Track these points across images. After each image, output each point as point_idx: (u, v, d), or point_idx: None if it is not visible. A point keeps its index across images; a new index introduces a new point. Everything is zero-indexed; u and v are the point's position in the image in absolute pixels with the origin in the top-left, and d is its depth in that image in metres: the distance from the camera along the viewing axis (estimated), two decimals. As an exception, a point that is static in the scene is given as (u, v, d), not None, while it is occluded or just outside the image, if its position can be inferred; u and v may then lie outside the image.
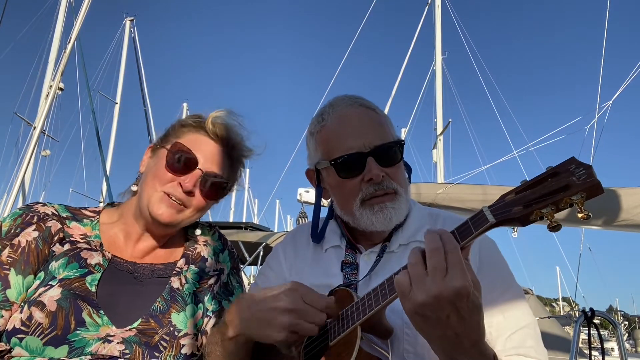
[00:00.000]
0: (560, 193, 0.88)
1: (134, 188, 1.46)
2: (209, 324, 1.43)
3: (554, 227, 0.89)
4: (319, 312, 1.10)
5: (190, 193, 1.39)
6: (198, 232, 1.57)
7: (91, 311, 1.25)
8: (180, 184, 1.38)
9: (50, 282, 1.26)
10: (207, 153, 1.43)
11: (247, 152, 1.55)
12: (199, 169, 1.40)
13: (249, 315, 1.16)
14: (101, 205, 1.54)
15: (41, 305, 1.21)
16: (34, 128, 6.99)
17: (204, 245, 1.56)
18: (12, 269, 1.25)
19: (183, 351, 1.32)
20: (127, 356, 1.23)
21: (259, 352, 1.26)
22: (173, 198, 1.38)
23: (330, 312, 1.12)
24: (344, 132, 1.34)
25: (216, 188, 1.45)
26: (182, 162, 1.40)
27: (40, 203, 1.41)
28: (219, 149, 1.46)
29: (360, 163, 1.31)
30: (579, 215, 0.85)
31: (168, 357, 1.29)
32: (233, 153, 1.50)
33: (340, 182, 1.35)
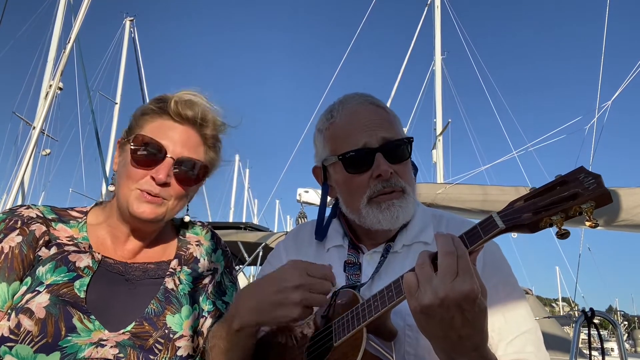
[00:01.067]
0: (569, 201, 0.89)
1: (111, 188, 1.40)
2: (205, 324, 1.40)
3: (562, 235, 0.89)
4: (324, 281, 1.13)
5: (165, 184, 1.33)
6: (187, 220, 1.53)
7: (82, 317, 1.22)
8: (152, 177, 1.32)
9: (37, 288, 1.23)
10: (174, 138, 1.35)
11: (221, 127, 1.47)
12: (169, 157, 1.33)
13: (257, 303, 1.15)
14: (88, 206, 1.49)
15: (29, 313, 1.18)
16: (34, 128, 6.97)
17: (197, 245, 1.53)
18: None
19: (179, 353, 1.29)
20: None
21: (260, 353, 1.25)
22: (150, 193, 1.32)
23: (332, 279, 1.16)
24: (353, 127, 1.34)
25: (193, 172, 1.38)
26: (149, 154, 1.33)
27: (25, 206, 1.37)
28: (187, 130, 1.38)
29: (368, 159, 1.30)
30: (587, 223, 0.87)
31: None
32: (204, 131, 1.42)
33: (348, 177, 1.34)
